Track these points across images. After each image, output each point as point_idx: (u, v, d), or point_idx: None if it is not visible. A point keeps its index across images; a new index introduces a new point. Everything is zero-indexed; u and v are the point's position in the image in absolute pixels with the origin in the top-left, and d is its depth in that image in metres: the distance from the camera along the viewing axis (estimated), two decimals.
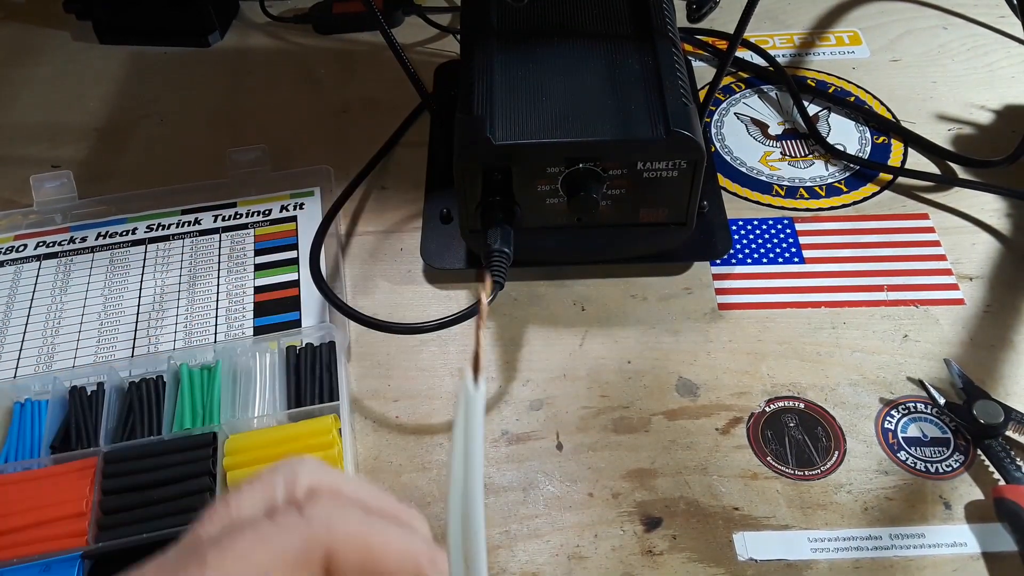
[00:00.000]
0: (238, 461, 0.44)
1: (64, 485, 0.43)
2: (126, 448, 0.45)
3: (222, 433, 0.46)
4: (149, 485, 0.44)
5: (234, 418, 0.46)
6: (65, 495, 0.43)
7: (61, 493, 0.43)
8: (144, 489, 0.44)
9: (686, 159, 0.47)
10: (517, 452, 0.48)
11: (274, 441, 0.45)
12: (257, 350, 0.49)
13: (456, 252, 0.56)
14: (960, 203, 0.58)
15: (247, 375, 0.48)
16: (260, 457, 0.44)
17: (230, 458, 0.44)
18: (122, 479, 0.44)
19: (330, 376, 0.48)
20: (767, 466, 0.46)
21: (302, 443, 0.45)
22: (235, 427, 0.46)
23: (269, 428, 0.46)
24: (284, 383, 0.48)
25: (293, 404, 0.48)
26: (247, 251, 0.57)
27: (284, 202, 0.60)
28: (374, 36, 0.74)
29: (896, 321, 0.52)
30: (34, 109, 0.70)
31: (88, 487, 0.43)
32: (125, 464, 0.44)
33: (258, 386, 0.48)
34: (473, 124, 0.47)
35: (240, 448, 0.45)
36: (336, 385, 0.48)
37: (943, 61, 0.69)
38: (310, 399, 0.48)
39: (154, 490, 0.44)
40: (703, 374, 0.50)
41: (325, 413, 0.47)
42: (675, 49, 0.52)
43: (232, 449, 0.45)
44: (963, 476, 0.46)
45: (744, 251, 0.56)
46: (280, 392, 0.48)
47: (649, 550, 0.44)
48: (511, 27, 0.54)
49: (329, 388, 0.48)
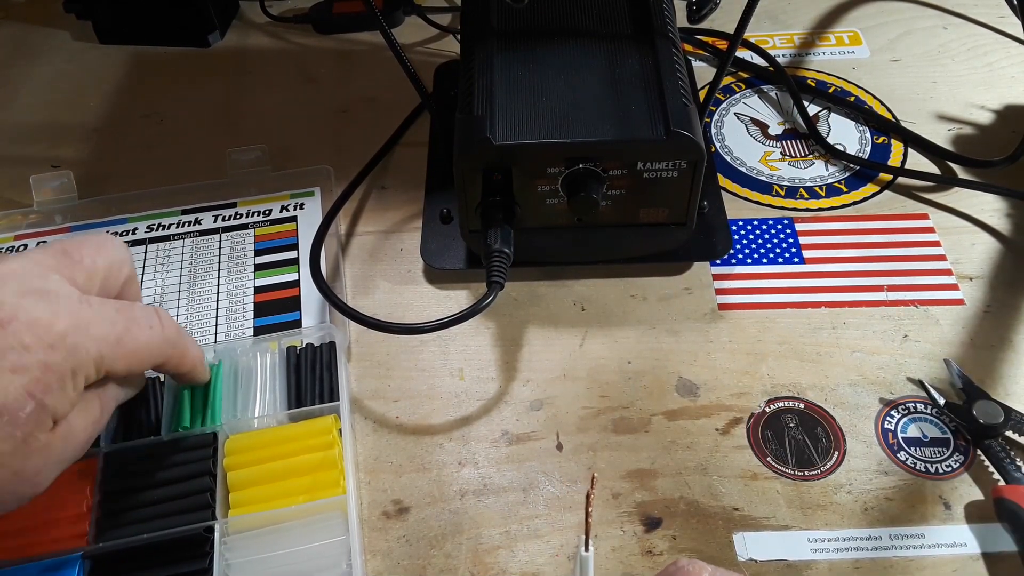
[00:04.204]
0: (238, 461, 0.44)
1: (65, 486, 0.43)
2: (126, 449, 0.45)
3: (222, 433, 0.46)
4: (149, 486, 0.44)
5: (234, 418, 0.46)
6: (66, 496, 0.43)
7: (62, 494, 0.43)
8: (144, 490, 0.43)
9: (686, 159, 0.47)
10: (517, 452, 0.48)
11: (274, 441, 0.45)
12: (257, 350, 0.49)
13: (456, 252, 0.56)
14: (960, 203, 0.58)
15: (247, 375, 0.48)
16: (261, 457, 0.44)
17: (230, 458, 0.44)
18: (122, 480, 0.44)
19: (330, 376, 0.48)
20: (767, 466, 0.46)
21: (302, 443, 0.45)
22: (235, 427, 0.46)
23: (269, 428, 0.46)
24: (284, 383, 0.48)
25: (294, 404, 0.48)
26: (247, 251, 0.57)
27: (284, 202, 0.60)
28: (374, 36, 0.74)
29: (896, 321, 0.52)
30: (34, 109, 0.70)
31: (89, 488, 0.43)
32: (125, 465, 0.44)
33: (258, 386, 0.48)
34: (473, 124, 0.47)
35: (240, 448, 0.45)
36: (336, 385, 0.48)
37: (943, 61, 0.69)
38: (310, 399, 0.48)
39: (154, 490, 0.43)
40: (703, 374, 0.50)
41: (325, 413, 0.47)
42: (675, 49, 0.52)
43: (232, 449, 0.45)
44: (963, 476, 0.46)
45: (744, 251, 0.56)
46: (280, 392, 0.48)
47: (649, 550, 0.44)
48: (511, 27, 0.54)
49: (329, 388, 0.48)
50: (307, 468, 0.44)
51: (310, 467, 0.44)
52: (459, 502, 0.46)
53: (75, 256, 0.38)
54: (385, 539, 0.45)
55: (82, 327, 0.35)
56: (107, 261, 0.40)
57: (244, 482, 0.44)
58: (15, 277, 0.35)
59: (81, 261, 0.38)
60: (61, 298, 0.36)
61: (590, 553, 0.36)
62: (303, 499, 0.43)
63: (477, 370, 0.51)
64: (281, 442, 0.45)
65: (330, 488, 0.43)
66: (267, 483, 0.44)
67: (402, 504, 0.46)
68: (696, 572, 0.35)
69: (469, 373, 0.51)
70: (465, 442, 0.48)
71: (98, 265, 0.39)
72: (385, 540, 0.45)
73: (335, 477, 0.44)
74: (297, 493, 0.43)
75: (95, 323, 0.36)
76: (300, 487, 0.43)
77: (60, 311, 0.35)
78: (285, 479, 0.44)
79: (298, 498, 0.43)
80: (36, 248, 0.40)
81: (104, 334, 0.36)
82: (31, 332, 0.34)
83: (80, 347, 0.35)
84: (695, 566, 0.36)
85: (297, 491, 0.43)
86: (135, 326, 0.38)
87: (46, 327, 0.34)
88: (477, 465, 0.47)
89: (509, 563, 0.44)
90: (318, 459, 0.44)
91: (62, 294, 0.36)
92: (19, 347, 0.33)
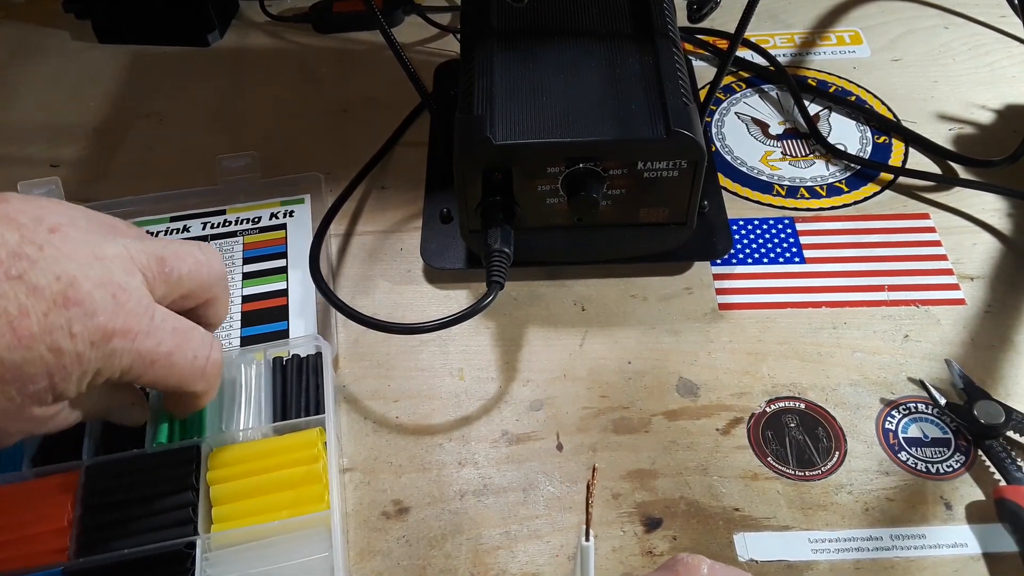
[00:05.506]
0: (222, 475, 0.43)
1: (46, 499, 0.42)
2: (109, 462, 0.44)
3: (206, 446, 0.45)
4: (132, 499, 0.43)
5: (219, 431, 0.45)
6: (47, 509, 0.42)
7: (43, 508, 0.42)
8: (126, 503, 0.42)
9: (686, 159, 0.47)
10: (517, 452, 0.48)
11: (258, 455, 0.44)
12: (243, 361, 0.48)
13: (456, 252, 0.55)
14: (961, 203, 0.58)
15: (232, 387, 0.47)
16: (244, 471, 0.43)
17: (214, 472, 0.43)
18: (104, 494, 0.43)
19: (317, 388, 0.47)
20: (767, 466, 0.46)
21: (287, 457, 0.44)
22: (219, 440, 0.45)
23: (254, 441, 0.45)
24: (270, 395, 0.47)
25: (279, 417, 0.47)
26: (236, 259, 0.57)
27: (274, 209, 0.59)
28: (374, 36, 0.74)
29: (897, 321, 0.52)
30: (33, 109, 0.70)
31: (70, 501, 0.42)
32: (108, 478, 0.43)
33: (243, 398, 0.47)
34: (473, 124, 0.47)
35: (224, 462, 0.44)
36: (322, 398, 0.47)
37: (944, 61, 0.69)
38: (296, 412, 0.47)
39: (136, 505, 0.43)
40: (703, 374, 0.50)
41: (311, 426, 0.46)
42: (676, 49, 0.52)
43: (216, 463, 0.44)
44: (964, 476, 0.46)
45: (745, 251, 0.56)
46: (266, 404, 0.47)
47: (649, 551, 0.44)
48: (511, 27, 0.54)
49: (316, 401, 0.47)
50: (291, 482, 0.43)
51: (294, 481, 0.43)
52: (459, 502, 0.46)
53: (167, 267, 0.38)
54: (385, 539, 0.45)
55: (130, 336, 0.36)
56: (197, 282, 0.40)
57: (227, 496, 0.43)
58: (104, 263, 0.35)
59: (171, 274, 0.38)
60: (131, 301, 0.36)
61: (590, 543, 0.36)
62: (287, 514, 0.42)
63: (477, 370, 0.51)
64: (265, 456, 0.44)
65: (314, 503, 0.43)
66: (250, 497, 0.43)
67: (402, 504, 0.46)
68: (696, 565, 0.35)
69: (469, 373, 0.51)
70: (465, 442, 0.48)
71: (184, 283, 0.39)
72: (385, 540, 0.45)
73: (319, 492, 0.43)
74: (281, 508, 0.42)
75: (144, 337, 0.36)
76: (284, 502, 0.43)
77: (121, 313, 0.35)
78: (269, 493, 0.43)
79: (282, 513, 0.42)
80: (141, 232, 0.40)
81: (146, 350, 0.36)
82: (84, 323, 0.34)
83: (117, 353, 0.35)
84: (695, 560, 0.36)
85: (281, 506, 0.42)
86: (180, 352, 0.38)
87: (100, 324, 0.34)
88: (477, 465, 0.47)
89: (509, 563, 0.44)
90: (302, 473, 0.43)
91: (134, 297, 0.36)
92: (66, 330, 0.34)
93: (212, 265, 0.41)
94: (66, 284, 0.34)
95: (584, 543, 0.37)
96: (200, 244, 0.41)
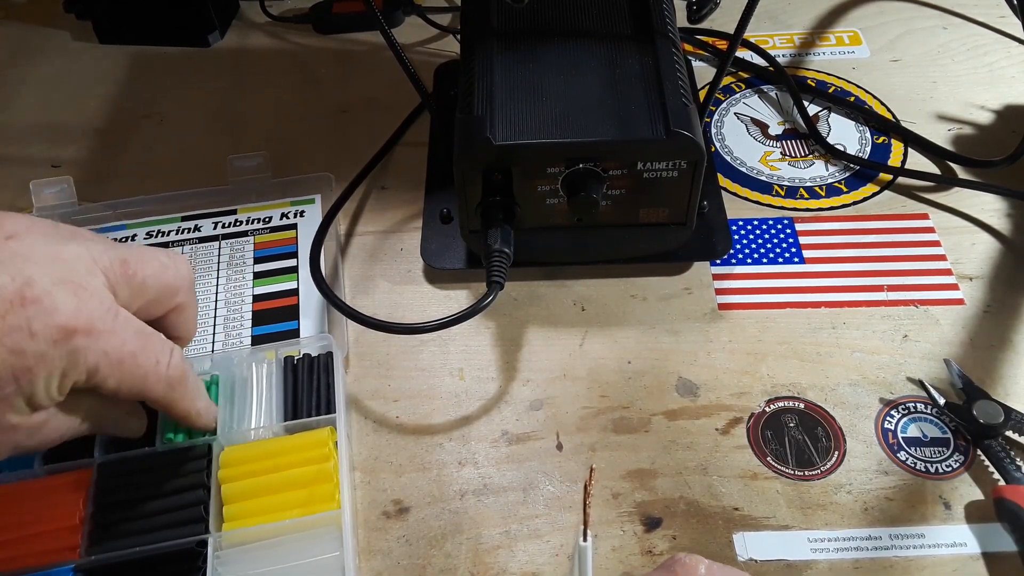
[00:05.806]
0: (233, 473, 0.43)
1: (58, 497, 0.42)
2: (121, 460, 0.44)
3: (217, 445, 0.45)
4: (143, 497, 0.43)
5: (230, 430, 0.46)
6: (59, 507, 0.42)
7: (55, 505, 0.42)
8: (138, 501, 0.43)
9: (686, 159, 0.47)
10: (517, 452, 0.48)
11: (270, 453, 0.44)
12: (254, 360, 0.48)
13: (456, 252, 0.56)
14: (960, 203, 0.58)
15: (244, 386, 0.48)
16: (256, 470, 0.44)
17: (225, 470, 0.43)
18: (116, 491, 0.43)
19: (327, 387, 0.47)
20: (767, 466, 0.46)
21: (298, 456, 0.44)
22: (231, 439, 0.45)
23: (265, 440, 0.46)
24: (281, 394, 0.48)
25: (290, 416, 0.47)
26: (246, 259, 0.57)
27: (285, 209, 0.60)
28: (374, 36, 0.74)
29: (896, 321, 0.52)
30: (34, 109, 0.70)
31: (82, 499, 0.42)
32: (120, 476, 0.44)
33: (255, 397, 0.47)
34: (473, 124, 0.48)
35: (235, 460, 0.44)
36: (333, 397, 0.47)
37: (943, 61, 0.69)
38: (307, 411, 0.47)
39: (148, 502, 0.43)
40: (703, 374, 0.50)
41: (322, 425, 0.46)
42: (675, 49, 0.52)
43: (227, 461, 0.44)
44: (963, 476, 0.46)
45: (744, 251, 0.56)
46: (277, 403, 0.47)
47: (649, 550, 0.44)
48: (511, 27, 0.54)
49: (327, 400, 0.47)
50: (302, 481, 0.43)
51: (305, 480, 0.43)
52: (459, 502, 0.46)
53: (130, 269, 0.38)
54: (385, 539, 0.45)
55: (93, 335, 0.35)
56: (160, 285, 0.39)
57: (238, 495, 0.43)
58: (64, 263, 0.35)
59: (134, 276, 0.38)
60: (92, 300, 0.36)
61: (588, 543, 0.36)
62: (298, 513, 0.42)
63: (477, 370, 0.51)
64: (276, 454, 0.44)
65: (325, 502, 0.43)
66: (262, 496, 0.43)
67: (402, 504, 0.46)
68: (694, 565, 0.35)
69: (469, 373, 0.51)
70: (465, 442, 0.48)
71: (148, 286, 0.39)
72: (385, 540, 0.45)
73: (330, 491, 0.43)
74: (292, 507, 0.42)
75: (107, 336, 0.36)
76: (295, 500, 0.43)
77: (83, 311, 0.35)
78: (280, 492, 0.43)
79: (293, 512, 0.42)
80: (105, 239, 0.39)
81: (110, 350, 0.36)
82: (44, 320, 0.34)
83: (81, 352, 0.35)
84: (693, 560, 0.36)
85: (292, 504, 0.42)
86: (143, 355, 0.38)
87: (61, 322, 0.34)
88: (477, 465, 0.47)
89: (509, 563, 0.44)
90: (313, 472, 0.43)
91: (95, 296, 0.36)
92: (26, 330, 0.33)
93: (178, 269, 0.40)
94: (22, 284, 0.34)
95: (582, 543, 0.37)
96: (167, 250, 0.41)
